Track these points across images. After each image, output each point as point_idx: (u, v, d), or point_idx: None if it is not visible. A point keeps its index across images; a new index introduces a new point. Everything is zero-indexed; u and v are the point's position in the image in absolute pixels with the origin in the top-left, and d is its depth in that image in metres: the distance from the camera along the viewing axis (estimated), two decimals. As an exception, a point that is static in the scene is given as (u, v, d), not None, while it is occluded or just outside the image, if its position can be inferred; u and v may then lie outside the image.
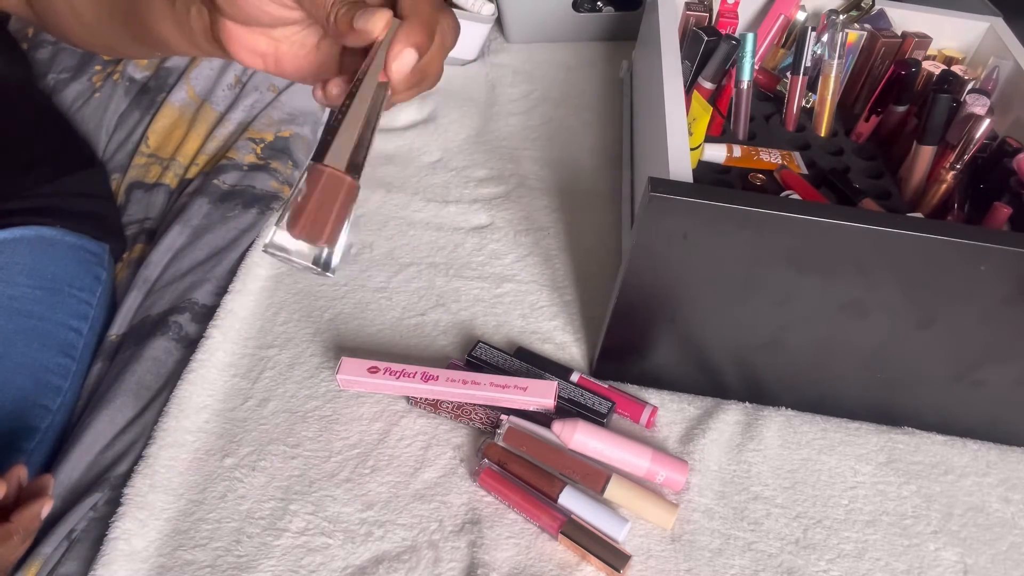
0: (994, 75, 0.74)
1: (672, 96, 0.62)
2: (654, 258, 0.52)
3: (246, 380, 0.60)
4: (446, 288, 0.68)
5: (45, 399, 0.56)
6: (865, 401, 0.59)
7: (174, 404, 0.57)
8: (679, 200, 0.48)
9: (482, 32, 0.94)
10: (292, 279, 0.68)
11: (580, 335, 0.66)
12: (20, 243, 0.59)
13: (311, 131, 0.85)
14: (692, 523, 0.53)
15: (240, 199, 0.73)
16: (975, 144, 0.64)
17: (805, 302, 0.53)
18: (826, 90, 0.76)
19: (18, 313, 0.57)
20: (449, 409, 0.57)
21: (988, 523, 0.55)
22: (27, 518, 0.44)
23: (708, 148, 0.73)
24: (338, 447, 0.56)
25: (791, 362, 0.57)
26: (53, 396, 0.56)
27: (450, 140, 0.85)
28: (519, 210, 0.77)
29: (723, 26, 0.77)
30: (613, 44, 1.04)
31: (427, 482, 0.54)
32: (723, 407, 0.60)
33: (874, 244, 0.49)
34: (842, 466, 0.58)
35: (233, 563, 0.49)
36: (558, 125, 0.89)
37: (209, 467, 0.54)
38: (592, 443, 0.54)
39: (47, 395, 0.56)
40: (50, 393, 0.56)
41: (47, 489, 0.46)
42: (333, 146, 0.38)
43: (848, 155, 0.76)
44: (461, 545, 0.51)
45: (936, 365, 0.56)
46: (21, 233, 0.59)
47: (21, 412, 0.54)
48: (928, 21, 0.81)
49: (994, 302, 0.51)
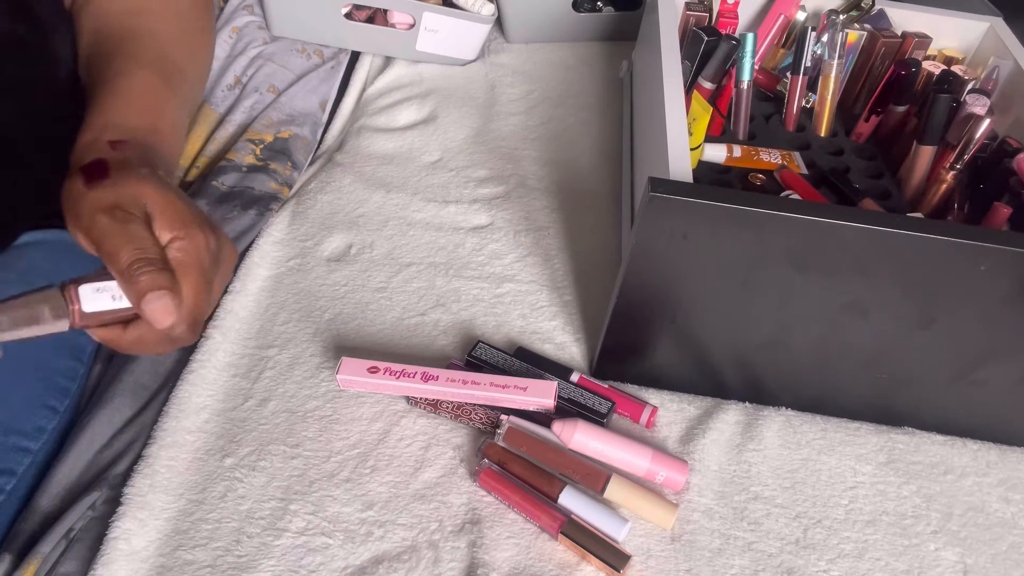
0: (994, 75, 0.74)
1: (672, 96, 0.62)
2: (654, 258, 0.52)
3: (246, 380, 0.60)
4: (446, 288, 0.68)
5: (53, 400, 0.56)
6: (865, 401, 0.59)
7: (174, 404, 0.57)
8: (679, 200, 0.48)
9: (482, 32, 0.94)
10: (292, 279, 0.68)
11: (580, 335, 0.66)
12: (41, 246, 0.59)
13: (310, 132, 0.85)
14: (692, 523, 0.53)
15: (239, 200, 0.73)
16: (975, 144, 0.64)
17: (805, 302, 0.53)
18: (826, 90, 0.76)
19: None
20: (449, 409, 0.57)
21: (988, 523, 0.55)
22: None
23: (708, 148, 0.74)
24: (338, 447, 0.56)
25: (791, 362, 0.57)
26: (61, 398, 0.57)
27: (450, 140, 0.85)
28: (519, 210, 0.77)
29: (723, 26, 0.77)
30: (613, 44, 1.04)
31: (427, 482, 0.54)
32: (723, 407, 0.60)
33: (874, 244, 0.49)
34: (842, 466, 0.58)
35: (233, 563, 0.49)
36: (558, 125, 0.89)
37: (209, 467, 0.54)
38: (592, 443, 0.54)
39: (55, 396, 0.56)
40: (58, 395, 0.57)
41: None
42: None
43: (848, 155, 0.76)
44: (461, 545, 0.51)
45: (936, 365, 0.56)
46: (43, 236, 0.60)
47: (30, 412, 0.54)
48: (928, 21, 0.81)
49: (994, 302, 0.51)
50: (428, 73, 0.95)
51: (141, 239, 0.43)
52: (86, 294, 0.43)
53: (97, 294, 0.43)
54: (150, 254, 0.43)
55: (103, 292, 0.43)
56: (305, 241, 0.72)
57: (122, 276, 0.42)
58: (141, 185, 0.45)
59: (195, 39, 0.61)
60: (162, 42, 0.57)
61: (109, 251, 0.42)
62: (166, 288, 0.42)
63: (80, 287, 0.43)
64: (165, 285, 0.42)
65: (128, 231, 0.43)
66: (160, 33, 0.57)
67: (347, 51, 0.96)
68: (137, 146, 0.48)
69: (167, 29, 0.58)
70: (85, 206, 0.44)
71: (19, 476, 0.52)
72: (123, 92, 0.51)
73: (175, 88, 0.55)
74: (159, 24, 0.58)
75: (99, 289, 0.43)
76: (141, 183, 0.45)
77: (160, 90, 0.54)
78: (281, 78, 0.89)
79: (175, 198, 0.45)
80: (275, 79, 0.88)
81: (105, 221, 0.43)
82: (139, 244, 0.43)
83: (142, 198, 0.44)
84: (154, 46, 0.56)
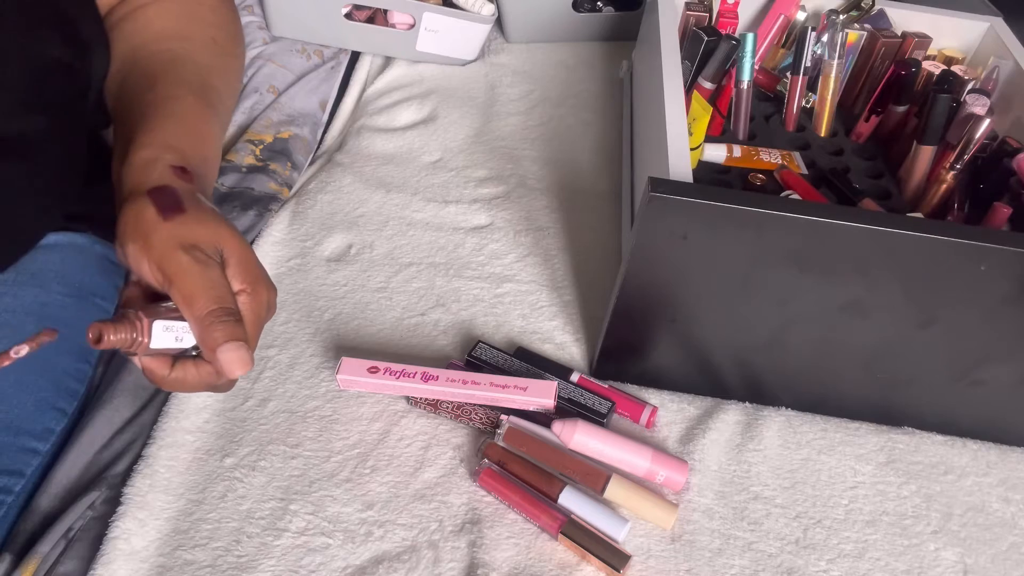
0: (994, 75, 0.74)
1: (672, 96, 0.62)
2: (654, 258, 0.52)
3: (246, 380, 0.60)
4: (446, 288, 0.68)
5: (62, 402, 0.56)
6: (865, 401, 0.59)
7: (173, 404, 0.57)
8: (679, 200, 0.48)
9: (482, 32, 0.94)
10: (292, 279, 0.68)
11: (580, 335, 0.66)
12: (55, 249, 0.59)
13: (310, 132, 0.85)
14: (692, 523, 0.53)
15: (239, 201, 0.73)
16: (975, 144, 0.64)
17: (805, 302, 0.53)
18: (826, 90, 0.76)
19: (48, 319, 0.57)
20: (449, 409, 0.57)
21: (988, 523, 0.55)
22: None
23: (708, 148, 0.74)
24: (338, 447, 0.56)
25: (791, 362, 0.57)
26: (70, 399, 0.57)
27: (450, 140, 0.85)
28: (519, 210, 0.77)
29: (723, 26, 0.77)
30: (613, 44, 1.04)
31: (427, 482, 0.54)
32: (723, 407, 0.60)
33: (874, 244, 0.49)
34: (842, 466, 0.58)
35: (233, 563, 0.49)
36: (558, 125, 0.89)
37: (209, 467, 0.54)
38: (592, 443, 0.54)
39: (64, 398, 0.56)
40: (67, 396, 0.57)
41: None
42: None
43: (848, 155, 0.76)
44: (461, 545, 0.51)
45: (936, 365, 0.56)
46: (56, 239, 0.60)
47: (40, 414, 0.54)
48: (928, 21, 0.81)
49: (994, 302, 0.51)
50: (428, 73, 0.95)
51: (220, 287, 0.43)
52: (157, 332, 0.43)
53: (165, 332, 0.43)
54: (228, 303, 0.43)
55: (170, 331, 0.43)
56: (305, 241, 0.72)
57: (198, 322, 0.42)
58: (219, 228, 0.45)
59: (229, 66, 0.61)
60: (203, 69, 0.56)
61: (186, 293, 0.42)
62: (243, 340, 0.43)
63: (154, 324, 0.43)
64: (242, 337, 0.43)
65: (208, 276, 0.43)
66: (200, 59, 0.57)
67: (347, 51, 0.96)
68: (196, 176, 0.48)
69: (206, 56, 0.57)
70: (161, 238, 0.43)
71: (27, 477, 0.52)
72: (176, 116, 0.51)
73: (217, 112, 0.55)
74: (198, 50, 0.57)
75: (167, 328, 0.43)
76: (219, 227, 0.45)
77: (209, 117, 0.53)
78: (281, 78, 0.89)
79: (249, 250, 0.46)
80: (275, 79, 0.88)
81: (185, 260, 0.42)
82: (218, 292, 0.43)
83: (220, 242, 0.44)
84: (198, 72, 0.55)
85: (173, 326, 0.43)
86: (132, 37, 0.57)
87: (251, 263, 0.46)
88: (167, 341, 0.44)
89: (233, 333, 0.43)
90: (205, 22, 0.59)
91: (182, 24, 0.58)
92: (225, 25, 0.61)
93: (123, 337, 0.42)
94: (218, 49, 0.59)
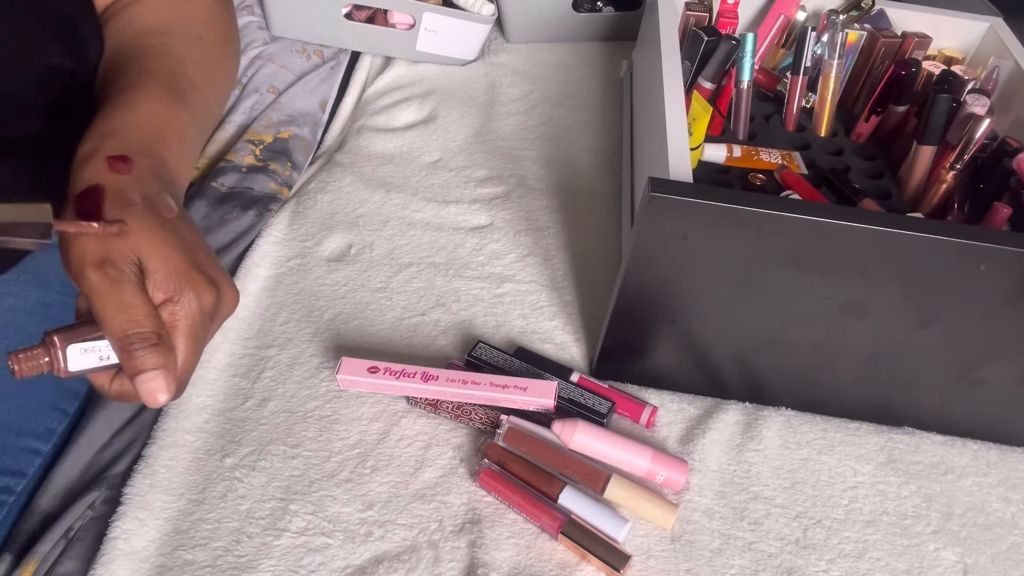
0: (994, 75, 0.74)
1: (672, 96, 0.62)
2: (654, 258, 0.52)
3: (246, 380, 0.60)
4: (446, 288, 0.68)
5: (64, 403, 0.56)
6: (865, 401, 0.59)
7: (173, 404, 0.57)
8: (679, 200, 0.48)
9: (482, 32, 0.94)
10: (292, 279, 0.68)
11: (580, 335, 0.66)
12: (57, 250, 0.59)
13: (310, 132, 0.85)
14: (692, 523, 0.53)
15: (238, 201, 0.73)
16: (975, 144, 0.64)
17: (805, 302, 0.53)
18: (826, 90, 0.76)
19: (50, 320, 0.57)
20: (449, 409, 0.57)
21: (988, 523, 0.55)
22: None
23: (708, 148, 0.74)
24: (338, 447, 0.56)
25: (791, 362, 0.57)
26: (71, 400, 0.57)
27: (450, 140, 0.85)
28: (519, 210, 0.77)
29: (723, 26, 0.77)
30: (613, 44, 1.04)
31: (427, 482, 0.54)
32: (723, 407, 0.60)
33: (874, 244, 0.49)
34: (842, 466, 0.58)
35: (233, 563, 0.49)
36: (557, 125, 0.89)
37: (209, 467, 0.54)
38: (592, 443, 0.54)
39: (66, 399, 0.56)
40: (69, 397, 0.57)
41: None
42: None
43: (848, 155, 0.76)
44: (461, 545, 0.51)
45: (936, 365, 0.56)
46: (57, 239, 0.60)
47: (42, 414, 0.54)
48: (928, 21, 0.81)
49: (994, 302, 0.51)
50: (428, 73, 0.95)
51: (133, 307, 0.40)
52: (73, 355, 0.40)
53: (84, 355, 0.41)
54: (144, 327, 0.40)
55: (91, 352, 0.41)
56: (305, 241, 0.72)
57: (116, 345, 0.40)
58: (137, 235, 0.41)
59: (214, 61, 0.59)
60: (178, 59, 0.55)
61: (100, 315, 0.40)
62: (161, 367, 0.40)
63: (68, 348, 0.40)
64: (160, 364, 0.40)
65: (120, 296, 0.40)
66: (177, 51, 0.55)
67: (347, 51, 0.96)
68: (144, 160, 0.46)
69: (185, 48, 0.56)
70: (75, 254, 0.41)
71: (29, 477, 0.52)
72: (129, 102, 0.49)
73: (187, 101, 0.53)
74: (177, 43, 0.56)
75: (87, 350, 0.41)
76: (137, 233, 0.41)
77: (169, 101, 0.51)
78: (281, 78, 0.89)
79: (170, 251, 0.42)
80: (275, 79, 0.88)
81: (96, 279, 0.40)
82: (132, 315, 0.40)
83: (137, 251, 0.41)
84: (169, 62, 0.54)
85: (95, 346, 0.41)
86: (117, 34, 0.56)
87: (173, 267, 0.42)
88: (89, 362, 0.41)
89: (151, 361, 0.40)
90: (192, 19, 0.58)
91: (166, 20, 0.57)
92: (215, 24, 0.60)
93: (34, 365, 0.40)
94: (202, 45, 0.58)
